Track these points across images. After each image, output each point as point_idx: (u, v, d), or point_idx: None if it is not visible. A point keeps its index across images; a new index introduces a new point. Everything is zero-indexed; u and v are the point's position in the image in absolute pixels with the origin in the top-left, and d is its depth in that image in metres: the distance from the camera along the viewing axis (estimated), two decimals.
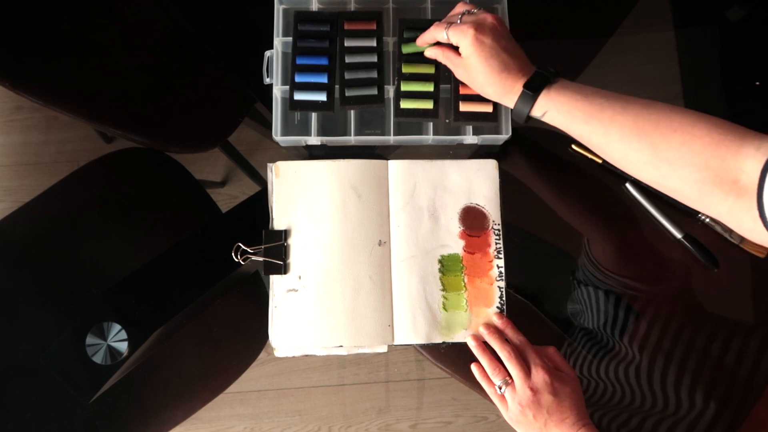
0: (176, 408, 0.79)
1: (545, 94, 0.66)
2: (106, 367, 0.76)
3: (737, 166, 0.54)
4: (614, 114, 0.61)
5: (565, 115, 0.65)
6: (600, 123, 0.62)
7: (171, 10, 0.89)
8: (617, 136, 0.61)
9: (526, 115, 0.68)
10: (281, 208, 0.79)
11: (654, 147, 0.59)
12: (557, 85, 0.66)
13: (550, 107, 0.66)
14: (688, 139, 0.56)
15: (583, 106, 0.63)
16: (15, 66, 0.84)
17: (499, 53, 0.67)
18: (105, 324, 0.77)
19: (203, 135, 0.86)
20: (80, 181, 0.83)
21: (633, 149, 0.60)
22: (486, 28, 0.68)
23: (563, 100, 0.65)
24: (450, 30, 0.69)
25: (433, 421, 0.81)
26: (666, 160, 0.58)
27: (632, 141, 0.60)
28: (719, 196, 0.56)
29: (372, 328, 0.76)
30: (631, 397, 0.77)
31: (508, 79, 0.68)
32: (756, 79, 0.89)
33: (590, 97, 0.63)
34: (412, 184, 0.80)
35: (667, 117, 0.59)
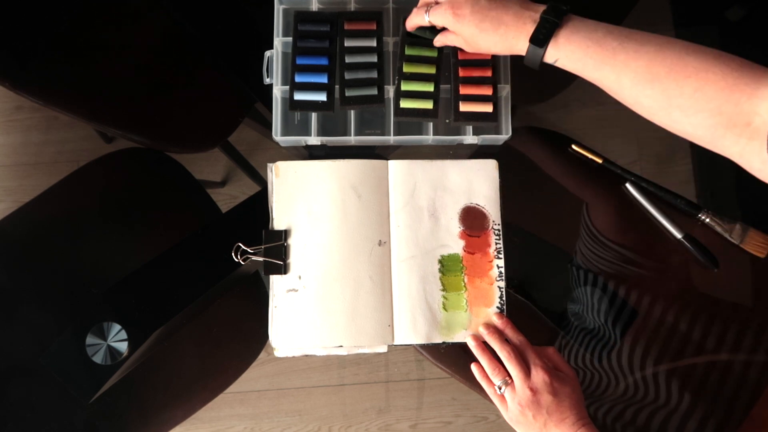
0: (176, 408, 0.79)
1: (554, 42, 0.62)
2: (106, 367, 0.76)
3: (751, 109, 0.53)
4: (627, 59, 0.59)
5: (576, 62, 0.62)
6: (612, 69, 0.60)
7: (171, 10, 0.89)
8: (629, 83, 0.59)
9: (539, 63, 0.65)
10: (281, 208, 0.79)
11: (666, 94, 0.57)
12: (567, 30, 0.62)
13: (560, 56, 0.63)
14: (702, 85, 0.55)
15: (594, 51, 0.61)
16: (15, 66, 0.84)
17: (486, 14, 0.65)
18: (105, 324, 0.77)
19: (203, 135, 0.86)
20: (80, 181, 0.83)
21: (645, 96, 0.59)
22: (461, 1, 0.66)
23: (573, 47, 0.62)
24: (430, 15, 0.69)
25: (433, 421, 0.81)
26: (678, 107, 0.56)
27: (645, 87, 0.58)
28: (731, 138, 0.55)
29: (372, 328, 0.76)
30: (624, 387, 0.77)
31: (508, 33, 0.65)
32: None
33: (602, 41, 0.60)
34: (412, 184, 0.80)
35: (681, 60, 0.56)
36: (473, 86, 0.79)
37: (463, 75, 0.80)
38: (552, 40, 0.62)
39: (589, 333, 0.79)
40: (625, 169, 0.82)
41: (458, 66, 0.80)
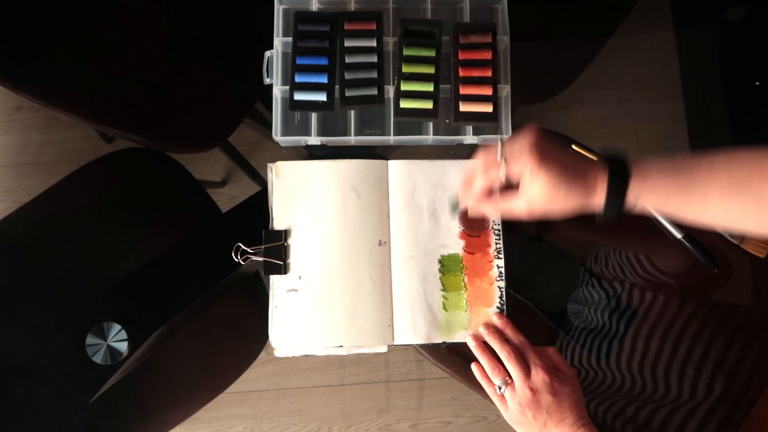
0: (176, 408, 0.79)
1: (633, 183, 0.58)
2: (106, 367, 0.76)
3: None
4: (707, 177, 0.56)
5: (659, 194, 0.58)
6: (697, 190, 0.57)
7: (171, 10, 0.89)
8: (717, 199, 0.56)
9: (620, 213, 0.60)
10: (281, 208, 0.79)
11: (757, 198, 0.55)
12: (637, 169, 0.58)
13: (641, 193, 0.58)
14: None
15: (672, 179, 0.57)
16: (15, 66, 0.84)
17: (565, 162, 0.59)
18: (105, 324, 0.77)
19: (203, 135, 0.86)
20: (80, 181, 0.83)
21: (735, 207, 0.56)
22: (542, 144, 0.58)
23: (649, 184, 0.58)
24: (511, 164, 0.60)
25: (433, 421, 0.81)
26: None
27: (733, 199, 0.56)
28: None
29: (372, 328, 0.76)
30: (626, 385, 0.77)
31: (585, 183, 0.59)
32: (756, 79, 0.89)
33: (675, 168, 0.58)
34: (412, 184, 0.80)
35: (756, 162, 0.55)
36: (473, 86, 0.79)
37: (463, 75, 0.80)
38: (629, 189, 0.59)
39: (589, 332, 0.79)
40: None
41: (458, 66, 0.80)
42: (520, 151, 0.59)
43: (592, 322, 0.80)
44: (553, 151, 0.59)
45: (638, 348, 0.78)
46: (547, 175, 0.58)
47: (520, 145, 0.59)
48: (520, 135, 0.60)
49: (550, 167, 0.58)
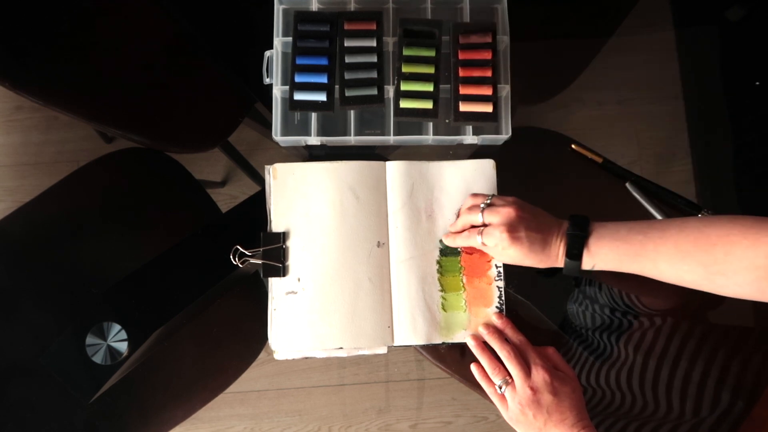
0: (176, 408, 0.79)
1: (586, 253, 0.68)
2: (106, 367, 0.76)
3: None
4: (656, 246, 0.64)
5: (612, 262, 0.67)
6: (646, 259, 0.65)
7: (171, 10, 0.89)
8: (666, 265, 0.64)
9: (578, 272, 0.69)
10: (279, 210, 0.79)
11: (702, 265, 0.61)
12: (594, 238, 0.67)
13: (596, 261, 0.68)
14: (729, 248, 0.59)
15: (624, 249, 0.66)
16: (15, 66, 0.84)
17: (533, 236, 0.69)
18: (105, 324, 0.77)
19: (203, 135, 0.86)
20: (80, 181, 0.83)
21: (684, 272, 0.63)
22: (515, 222, 0.69)
23: (605, 251, 0.67)
24: (484, 237, 0.71)
25: (433, 421, 0.81)
26: (717, 272, 0.61)
27: (681, 265, 0.63)
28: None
29: (371, 330, 0.76)
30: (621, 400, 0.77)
31: (551, 253, 0.69)
32: (756, 79, 0.89)
33: (628, 238, 0.66)
34: (409, 185, 0.80)
35: (702, 233, 0.62)
36: (473, 86, 0.79)
37: (463, 75, 0.80)
38: (585, 250, 0.68)
39: (590, 338, 0.79)
40: (625, 169, 0.82)
41: (458, 66, 0.80)
42: (494, 227, 0.70)
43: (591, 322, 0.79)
44: (524, 229, 0.69)
45: (637, 366, 0.78)
46: (516, 252, 0.69)
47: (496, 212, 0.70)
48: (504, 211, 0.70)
49: (517, 245, 0.68)
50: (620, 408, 0.77)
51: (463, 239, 0.75)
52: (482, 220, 0.72)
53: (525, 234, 0.69)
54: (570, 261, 0.68)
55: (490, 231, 0.70)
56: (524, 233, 0.69)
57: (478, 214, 0.72)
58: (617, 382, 0.78)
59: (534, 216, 0.70)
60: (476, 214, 0.73)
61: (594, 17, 0.92)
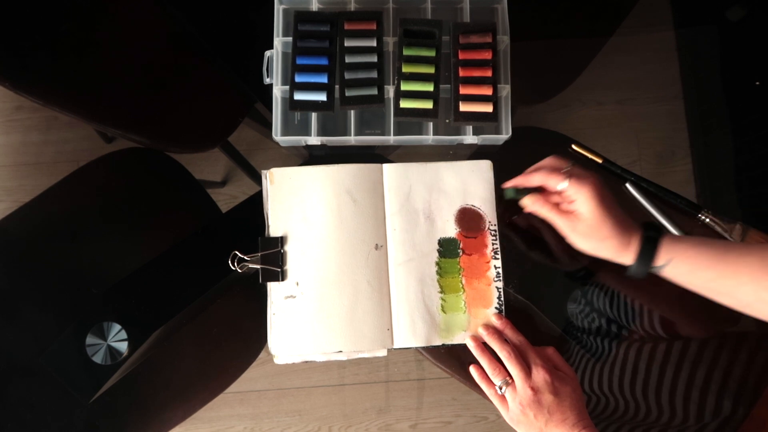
0: (176, 408, 0.79)
1: (667, 241, 0.64)
2: (106, 367, 0.76)
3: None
4: (740, 255, 0.60)
5: (691, 260, 0.63)
6: (727, 265, 0.61)
7: (171, 10, 0.89)
8: (748, 278, 0.60)
9: (649, 267, 0.65)
10: (277, 214, 0.79)
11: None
12: (671, 235, 0.65)
13: (675, 254, 0.64)
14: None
15: (706, 251, 0.62)
16: (15, 66, 0.84)
17: (616, 205, 0.66)
18: (105, 324, 0.77)
19: (203, 135, 0.86)
20: (80, 181, 0.83)
21: (765, 288, 0.59)
22: (600, 181, 0.65)
23: (685, 246, 0.63)
24: (573, 180, 0.66)
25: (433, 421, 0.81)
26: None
27: (763, 280, 0.59)
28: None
29: (371, 333, 0.76)
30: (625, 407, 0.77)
31: (627, 230, 0.66)
32: (756, 79, 0.89)
33: (709, 243, 0.63)
34: (407, 187, 0.80)
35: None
36: (473, 86, 0.79)
37: (463, 75, 0.80)
38: (663, 242, 0.64)
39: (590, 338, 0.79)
40: (625, 169, 0.82)
41: (458, 66, 0.80)
42: (583, 181, 0.65)
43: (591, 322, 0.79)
44: (609, 198, 0.65)
45: (640, 372, 0.77)
46: (599, 211, 0.65)
47: (585, 177, 0.66)
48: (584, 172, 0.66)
49: (602, 206, 0.64)
50: (624, 415, 0.77)
51: (539, 177, 0.69)
52: (560, 188, 0.67)
53: (609, 193, 0.65)
54: (649, 241, 0.64)
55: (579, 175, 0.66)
56: (610, 194, 0.65)
57: (558, 180, 0.67)
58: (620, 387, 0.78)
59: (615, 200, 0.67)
60: (556, 178, 0.67)
61: (594, 17, 0.92)
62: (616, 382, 0.78)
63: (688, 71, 0.88)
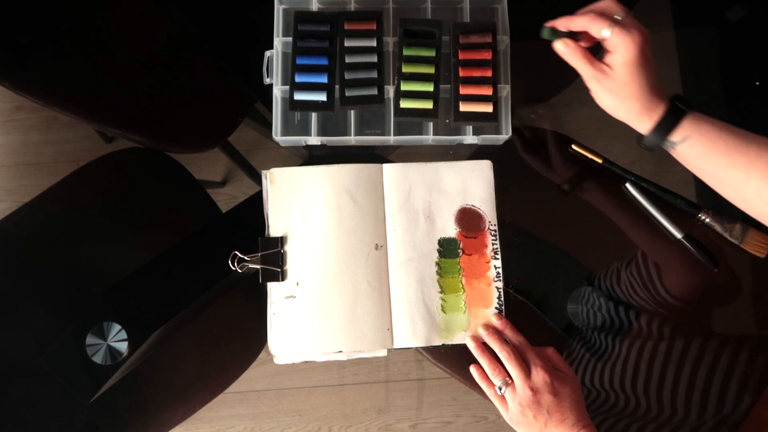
0: (176, 408, 0.79)
1: (691, 117, 0.61)
2: (106, 367, 0.76)
3: None
4: (760, 149, 0.58)
5: (708, 143, 0.60)
6: (743, 156, 0.58)
7: (171, 10, 0.89)
8: (759, 173, 0.58)
9: (663, 139, 0.62)
10: (277, 214, 0.79)
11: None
12: (698, 113, 0.61)
13: (694, 132, 0.61)
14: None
15: (727, 136, 0.59)
16: (15, 66, 0.84)
17: (653, 67, 0.62)
18: (105, 324, 0.77)
19: (203, 135, 0.86)
20: (80, 181, 0.83)
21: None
22: (649, 39, 0.61)
23: (708, 127, 0.60)
24: (616, 29, 0.60)
25: (433, 421, 0.81)
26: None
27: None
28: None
29: (371, 333, 0.76)
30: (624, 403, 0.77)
31: (654, 96, 0.62)
32: (756, 79, 0.89)
33: (734, 129, 0.59)
34: (407, 187, 0.80)
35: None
36: (473, 86, 0.79)
37: (463, 75, 0.80)
38: (687, 117, 0.61)
39: (590, 339, 0.79)
40: (625, 169, 0.82)
41: (458, 66, 0.80)
42: (630, 32, 0.60)
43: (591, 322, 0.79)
44: (650, 58, 0.61)
45: (641, 371, 0.77)
46: (633, 68, 0.60)
47: (634, 28, 0.61)
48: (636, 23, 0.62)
49: (640, 63, 0.60)
50: (624, 410, 0.77)
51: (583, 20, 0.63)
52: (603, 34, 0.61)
53: (651, 55, 0.61)
54: (674, 111, 0.61)
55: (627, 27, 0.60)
56: (651, 54, 0.61)
57: (603, 26, 0.61)
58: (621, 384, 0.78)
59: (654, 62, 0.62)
60: (601, 24, 0.61)
61: None
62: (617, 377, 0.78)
63: (688, 71, 0.88)
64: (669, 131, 0.62)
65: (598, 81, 0.63)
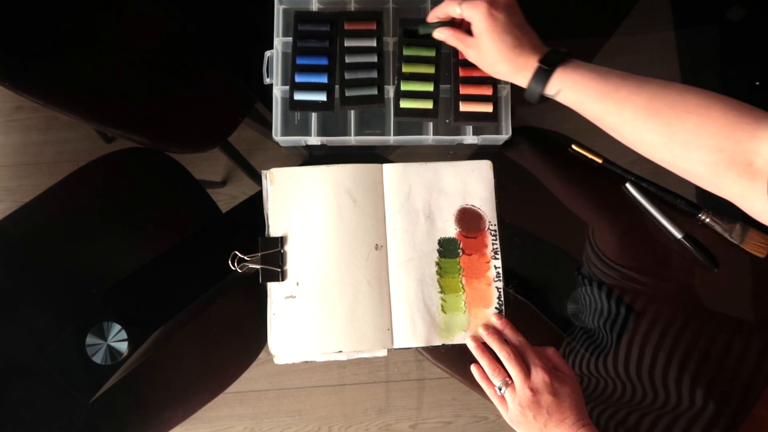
0: (176, 408, 0.79)
1: (560, 71, 0.64)
2: (106, 367, 0.76)
3: (752, 148, 0.53)
4: (629, 94, 0.60)
5: (579, 93, 0.63)
6: (614, 102, 0.61)
7: (171, 10, 0.89)
8: (631, 117, 0.60)
9: (539, 94, 0.66)
10: (277, 214, 0.79)
11: (668, 128, 0.57)
12: (571, 64, 0.64)
13: (564, 85, 0.64)
14: (703, 121, 0.55)
15: (597, 84, 0.62)
16: (15, 66, 0.84)
17: (512, 29, 0.66)
18: (105, 324, 0.77)
19: (203, 135, 0.86)
20: (80, 181, 0.83)
21: (647, 130, 0.59)
22: (500, 4, 0.66)
23: (577, 78, 0.63)
24: (464, 5, 0.67)
25: (433, 421, 0.81)
26: (680, 141, 0.57)
27: (646, 122, 0.59)
28: (732, 178, 0.55)
29: (371, 333, 0.76)
30: (622, 391, 0.77)
31: (521, 56, 0.66)
32: (756, 79, 0.89)
33: (605, 76, 0.62)
34: (407, 186, 0.80)
35: (682, 97, 0.58)
36: (473, 86, 0.79)
37: (463, 75, 0.80)
38: (558, 69, 0.64)
39: (591, 338, 0.79)
40: (625, 169, 0.82)
41: (458, 66, 0.80)
42: (473, 6, 0.66)
43: (591, 322, 0.80)
44: (507, 20, 0.66)
45: (644, 356, 0.78)
46: (488, 36, 0.66)
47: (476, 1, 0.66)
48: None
49: (493, 30, 0.66)
50: (621, 398, 0.77)
51: (442, 7, 0.71)
52: (458, 14, 0.69)
53: (503, 18, 0.65)
54: (541, 69, 0.65)
55: (472, 1, 0.67)
56: (503, 16, 0.65)
57: (454, 6, 0.69)
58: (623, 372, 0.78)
59: (521, 16, 0.68)
60: (453, 4, 0.69)
61: (594, 17, 0.92)
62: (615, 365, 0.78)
63: (688, 71, 0.88)
64: (542, 86, 0.65)
65: (469, 52, 0.71)
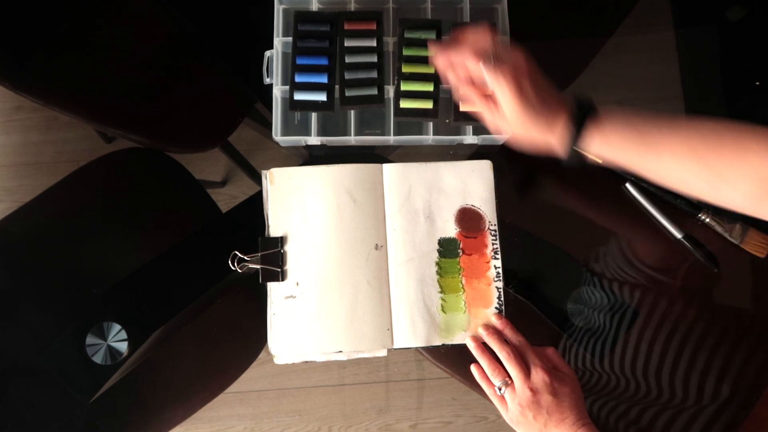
0: (176, 408, 0.79)
1: (590, 131, 0.60)
2: (106, 367, 0.76)
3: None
4: (663, 137, 0.58)
5: (613, 144, 0.60)
6: (649, 147, 0.59)
7: (171, 10, 0.89)
8: (669, 157, 0.58)
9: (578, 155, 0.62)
10: (277, 214, 0.79)
11: (711, 168, 0.56)
12: (596, 117, 0.61)
13: (598, 139, 0.61)
14: (742, 155, 0.55)
15: (630, 132, 0.60)
16: (15, 66, 0.84)
17: (539, 91, 0.61)
18: (105, 324, 0.77)
19: (203, 135, 0.86)
20: (80, 181, 0.83)
21: (690, 173, 0.58)
22: (521, 67, 0.61)
23: (610, 129, 0.60)
24: (487, 71, 0.60)
25: (433, 421, 0.81)
26: (725, 179, 0.56)
27: (688, 165, 0.57)
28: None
29: (371, 333, 0.76)
30: (625, 385, 0.77)
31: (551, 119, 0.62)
32: (756, 79, 0.89)
33: (634, 123, 0.60)
34: (407, 186, 0.80)
35: (716, 134, 0.57)
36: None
37: None
38: (588, 128, 0.60)
39: (589, 332, 0.79)
40: None
41: None
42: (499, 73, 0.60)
43: (592, 322, 0.80)
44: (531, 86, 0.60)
45: (641, 352, 0.78)
46: (516, 107, 0.60)
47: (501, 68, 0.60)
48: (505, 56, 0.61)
49: (521, 99, 0.60)
50: (624, 392, 0.77)
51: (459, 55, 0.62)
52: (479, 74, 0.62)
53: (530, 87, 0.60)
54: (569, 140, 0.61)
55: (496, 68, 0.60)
56: (529, 85, 0.60)
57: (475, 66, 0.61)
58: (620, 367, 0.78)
59: (540, 74, 0.62)
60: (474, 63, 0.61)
61: (594, 17, 0.92)
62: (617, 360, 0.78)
63: (688, 71, 0.88)
64: (577, 150, 0.62)
65: (494, 123, 0.65)
